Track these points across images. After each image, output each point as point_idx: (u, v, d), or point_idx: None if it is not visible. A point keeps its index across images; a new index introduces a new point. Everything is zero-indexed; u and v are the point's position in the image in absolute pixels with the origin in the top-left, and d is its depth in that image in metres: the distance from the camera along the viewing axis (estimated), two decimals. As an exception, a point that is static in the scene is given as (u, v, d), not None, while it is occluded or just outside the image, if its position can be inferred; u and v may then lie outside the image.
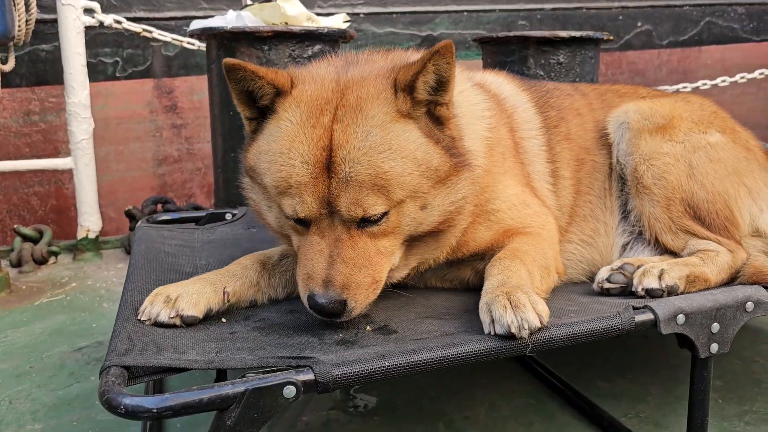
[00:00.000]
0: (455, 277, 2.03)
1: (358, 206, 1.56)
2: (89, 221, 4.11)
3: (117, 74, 5.03)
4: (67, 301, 3.38)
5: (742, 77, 4.86)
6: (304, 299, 1.60)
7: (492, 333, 1.46)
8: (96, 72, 4.87)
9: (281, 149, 1.61)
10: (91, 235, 4.12)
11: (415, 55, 1.85)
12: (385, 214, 1.60)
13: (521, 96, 2.30)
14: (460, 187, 1.71)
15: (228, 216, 2.78)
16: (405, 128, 1.63)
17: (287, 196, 1.60)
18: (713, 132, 2.26)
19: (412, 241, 1.72)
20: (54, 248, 4.09)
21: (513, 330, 1.41)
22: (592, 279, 2.18)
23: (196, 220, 2.76)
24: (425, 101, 1.67)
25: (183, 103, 5.27)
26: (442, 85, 1.66)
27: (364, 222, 1.60)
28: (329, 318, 1.60)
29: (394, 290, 2.03)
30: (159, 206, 4.50)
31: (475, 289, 1.97)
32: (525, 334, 1.41)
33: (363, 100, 1.62)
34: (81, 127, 3.96)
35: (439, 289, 2.04)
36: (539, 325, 1.44)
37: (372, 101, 1.62)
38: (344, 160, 1.55)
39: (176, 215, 2.77)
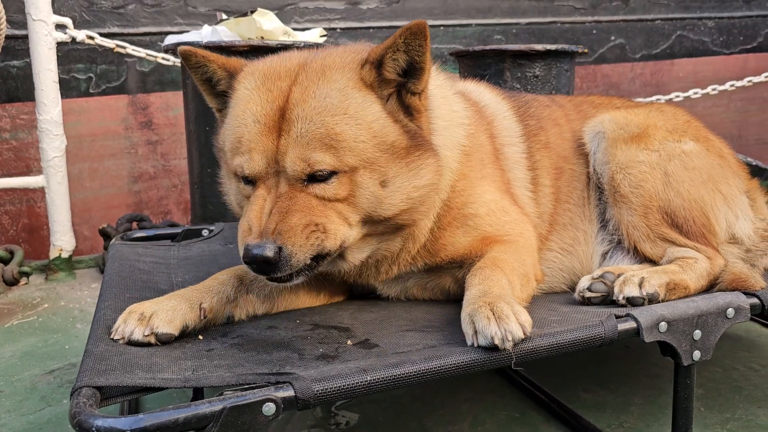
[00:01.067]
0: (436, 286, 2.01)
1: (303, 161, 1.58)
2: (62, 240, 4.03)
3: (91, 90, 4.97)
4: (39, 322, 3.29)
5: (713, 89, 4.95)
6: (241, 254, 1.56)
7: (475, 344, 1.44)
8: (69, 88, 4.81)
9: (236, 114, 1.66)
10: (64, 255, 4.03)
11: None
12: (333, 174, 1.60)
13: (502, 104, 2.31)
14: (424, 173, 1.71)
15: (205, 232, 2.73)
16: (366, 98, 1.66)
17: (238, 155, 1.64)
18: (687, 140, 2.28)
19: (373, 225, 1.71)
20: (25, 268, 4.00)
21: (497, 341, 1.39)
22: (572, 288, 2.18)
23: (172, 237, 2.71)
24: (394, 82, 1.69)
25: (158, 119, 5.21)
26: (414, 72, 1.68)
27: (311, 180, 1.60)
28: (266, 272, 1.55)
29: (374, 301, 2.02)
30: (134, 224, 4.43)
31: (455, 298, 1.96)
32: (509, 345, 1.39)
33: (327, 66, 1.67)
34: (53, 144, 3.89)
35: (420, 301, 2.02)
36: (523, 335, 1.42)
37: (336, 68, 1.67)
38: (297, 117, 1.58)
39: (151, 232, 2.71)
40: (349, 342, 1.63)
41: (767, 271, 2.19)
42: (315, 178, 1.60)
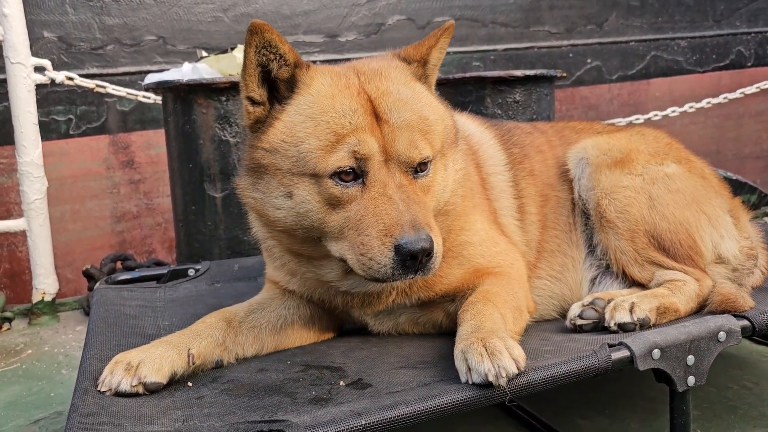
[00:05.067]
0: (428, 321, 2.00)
1: (414, 147, 1.59)
2: (45, 283, 3.96)
3: (71, 132, 4.94)
4: (22, 369, 3.22)
5: (690, 107, 5.03)
6: (387, 256, 1.47)
7: (469, 382, 1.42)
8: (49, 131, 4.77)
9: (324, 108, 1.59)
10: (47, 298, 3.96)
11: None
12: (430, 162, 1.65)
13: (485, 133, 2.32)
14: (458, 158, 1.82)
15: (191, 272, 2.70)
16: (423, 88, 1.77)
17: (337, 149, 1.54)
18: (670, 163, 2.30)
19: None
20: (7, 314, 3.91)
21: (490, 378, 1.38)
22: (563, 315, 2.17)
23: (158, 278, 2.67)
24: (430, 77, 1.83)
25: (140, 157, 5.19)
26: (438, 64, 1.85)
27: (417, 169, 1.62)
28: (419, 264, 1.49)
29: (365, 338, 1.99)
30: (119, 263, 4.37)
31: (448, 332, 1.94)
32: (503, 382, 1.38)
33: (379, 69, 1.71)
34: (34, 186, 3.84)
35: (412, 336, 2.00)
36: (516, 371, 1.40)
37: (390, 68, 1.73)
38: (389, 108, 1.60)
39: (136, 274, 2.67)
40: (341, 383, 1.61)
41: (755, 289, 2.21)
42: (421, 165, 1.63)
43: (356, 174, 1.57)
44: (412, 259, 1.48)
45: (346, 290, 1.81)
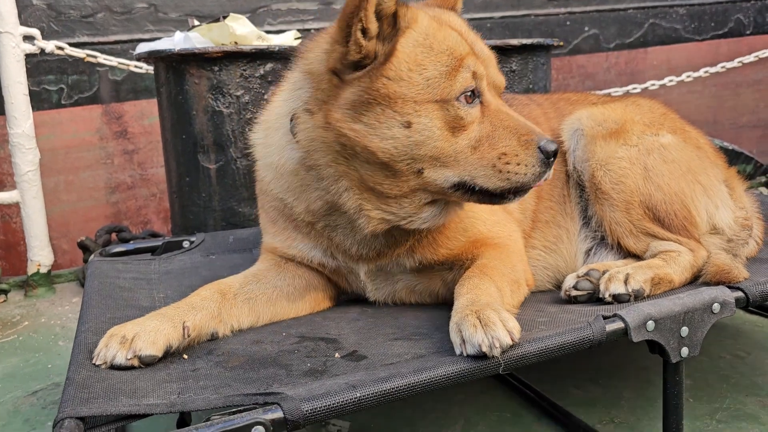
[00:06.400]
0: (425, 289, 2.01)
1: (501, 74, 1.78)
2: (40, 255, 3.95)
3: (62, 102, 4.88)
4: (19, 341, 3.23)
5: (688, 76, 4.98)
6: (536, 157, 1.64)
7: (464, 354, 1.43)
8: (40, 100, 4.71)
9: (439, 39, 1.68)
10: (43, 270, 3.96)
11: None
12: None
13: None
14: None
15: (186, 244, 2.69)
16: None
17: (460, 72, 1.65)
18: (665, 133, 2.29)
19: None
20: (3, 286, 3.91)
21: (484, 349, 1.38)
22: (558, 286, 2.18)
23: (152, 250, 2.66)
24: None
25: (133, 128, 5.13)
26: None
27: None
28: (550, 163, 1.67)
29: (361, 308, 2.00)
30: (113, 235, 4.36)
31: (445, 302, 1.95)
32: (497, 352, 1.38)
33: (439, 13, 1.80)
34: (26, 158, 3.81)
35: (407, 307, 2.01)
36: (510, 342, 1.41)
37: (447, 14, 1.83)
38: (473, 42, 1.75)
39: (131, 246, 2.66)
40: (336, 355, 1.61)
41: (749, 260, 2.22)
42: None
43: (474, 95, 1.68)
44: (549, 158, 1.65)
45: (414, 227, 1.79)
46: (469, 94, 1.66)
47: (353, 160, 1.71)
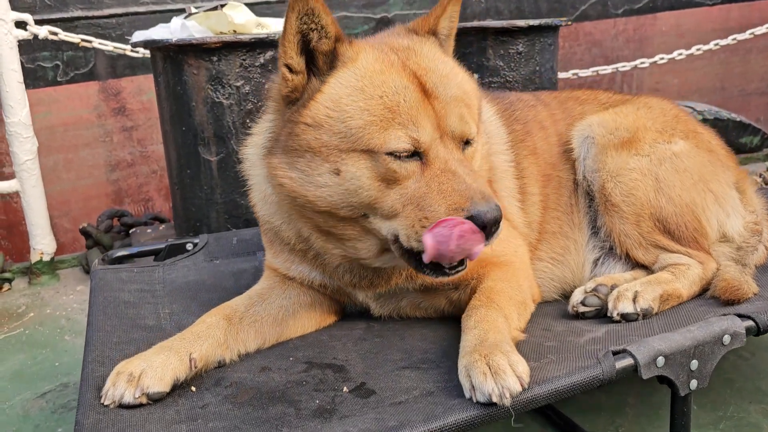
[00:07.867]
0: (430, 306, 2.00)
1: (464, 122, 1.58)
2: (42, 243, 3.94)
3: (58, 79, 4.78)
4: (26, 335, 3.24)
5: (698, 49, 4.85)
6: (464, 216, 1.45)
7: (474, 400, 1.42)
8: (36, 78, 4.62)
9: (375, 83, 1.54)
10: (46, 258, 3.95)
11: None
12: (475, 135, 1.64)
13: (487, 108, 2.23)
14: (482, 131, 1.81)
15: (189, 246, 2.66)
16: (454, 62, 1.75)
17: (394, 128, 1.51)
18: (677, 140, 2.24)
19: None
20: (7, 275, 3.91)
21: (494, 399, 1.37)
22: (565, 297, 2.17)
23: (156, 253, 2.64)
24: (446, 47, 1.81)
25: (132, 104, 5.05)
26: (451, 34, 1.81)
27: (467, 142, 1.62)
28: (489, 232, 1.48)
29: (367, 324, 1.99)
30: (115, 220, 4.34)
31: (451, 317, 1.94)
32: (507, 402, 1.38)
33: (410, 45, 1.66)
34: (24, 147, 3.75)
35: (413, 323, 2.00)
36: (520, 389, 1.40)
37: (418, 44, 1.67)
38: (437, 83, 1.58)
39: (134, 249, 2.65)
40: (345, 389, 1.61)
41: (759, 268, 2.20)
42: (469, 138, 1.62)
43: (413, 149, 1.55)
44: (483, 228, 1.46)
45: (378, 266, 1.77)
46: (404, 154, 1.52)
47: (303, 209, 1.67)
